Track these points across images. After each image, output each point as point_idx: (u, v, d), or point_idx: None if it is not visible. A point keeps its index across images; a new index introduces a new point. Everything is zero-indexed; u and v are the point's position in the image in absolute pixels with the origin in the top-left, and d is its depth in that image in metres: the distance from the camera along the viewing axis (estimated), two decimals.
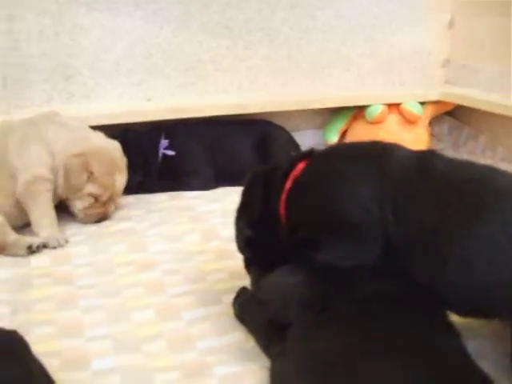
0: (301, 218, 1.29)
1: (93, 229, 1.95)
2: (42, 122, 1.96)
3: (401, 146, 1.29)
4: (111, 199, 1.99)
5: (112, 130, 2.17)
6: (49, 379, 1.06)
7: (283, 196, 1.31)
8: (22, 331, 1.12)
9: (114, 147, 2.01)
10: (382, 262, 1.18)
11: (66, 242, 1.83)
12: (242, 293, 1.43)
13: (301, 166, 1.32)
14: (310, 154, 1.34)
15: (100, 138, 2.00)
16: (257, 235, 1.36)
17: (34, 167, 1.90)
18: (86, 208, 1.95)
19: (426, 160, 1.22)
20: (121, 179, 2.00)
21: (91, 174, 1.91)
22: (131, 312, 1.44)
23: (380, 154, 1.26)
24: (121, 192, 2.02)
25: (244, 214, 1.39)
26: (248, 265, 1.45)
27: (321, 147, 2.53)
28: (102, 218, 1.98)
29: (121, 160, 2.02)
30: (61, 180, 1.91)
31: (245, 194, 1.41)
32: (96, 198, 1.94)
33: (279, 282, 1.25)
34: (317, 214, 1.25)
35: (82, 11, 2.30)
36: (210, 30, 2.48)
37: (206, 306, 1.46)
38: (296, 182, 1.30)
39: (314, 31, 2.68)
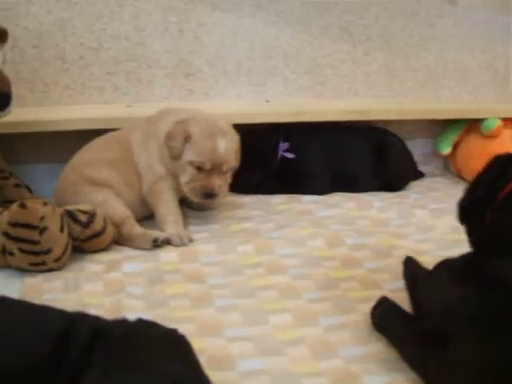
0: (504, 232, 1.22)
1: (215, 226, 1.95)
2: (157, 120, 1.96)
3: None
4: (216, 170, 1.85)
5: None
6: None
7: (502, 193, 1.25)
8: None
9: (220, 118, 1.92)
10: None
11: (191, 240, 1.81)
12: (382, 302, 1.40)
13: None
14: None
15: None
16: (469, 211, 1.31)
17: (155, 167, 1.91)
18: (189, 181, 1.86)
19: None
20: (223, 144, 1.83)
21: (189, 136, 1.83)
22: (268, 315, 1.41)
23: None
24: (225, 160, 1.85)
25: (472, 185, 1.34)
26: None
27: (433, 157, 2.56)
28: (209, 193, 1.84)
29: (226, 126, 1.89)
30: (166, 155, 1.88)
31: (484, 169, 1.35)
32: (199, 168, 1.84)
33: (444, 295, 1.21)
34: None
35: (207, 10, 2.32)
36: (331, 33, 2.47)
37: (342, 314, 1.43)
38: None
39: (433, 39, 2.65)
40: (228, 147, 1.85)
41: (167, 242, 1.79)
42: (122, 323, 1.03)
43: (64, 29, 2.25)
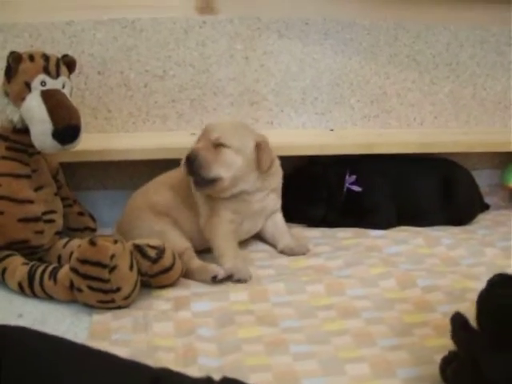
0: None
1: (281, 262, 1.92)
2: None
3: None
4: (205, 139, 1.89)
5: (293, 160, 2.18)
6: None
7: None
8: (235, 374, 1.11)
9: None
10: None
11: (250, 277, 1.78)
12: (453, 358, 1.31)
13: None
14: None
15: None
16: None
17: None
18: None
19: None
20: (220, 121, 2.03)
21: None
22: (344, 364, 1.36)
23: None
24: (213, 130, 1.89)
25: None
26: None
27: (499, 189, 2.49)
28: (188, 155, 1.84)
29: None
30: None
31: None
32: None
33: None
34: None
35: (273, 37, 2.29)
36: (398, 62, 2.42)
37: (419, 365, 1.36)
38: None
39: (501, 68, 2.57)
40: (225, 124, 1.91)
41: (228, 278, 1.76)
42: (207, 382, 1.00)
43: (129, 56, 2.23)
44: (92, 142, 2.00)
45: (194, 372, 1.15)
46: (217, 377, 1.04)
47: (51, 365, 0.97)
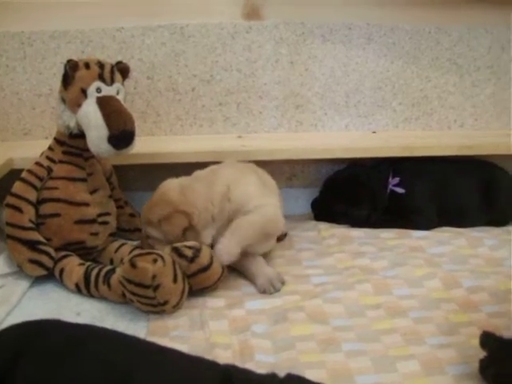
0: None
1: (328, 261, 1.97)
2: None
3: None
4: None
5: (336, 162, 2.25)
6: None
7: None
8: (291, 370, 1.13)
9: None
10: None
11: (283, 283, 1.81)
12: (496, 361, 1.35)
13: None
14: None
15: None
16: None
17: None
18: None
19: None
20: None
21: None
22: (395, 361, 1.41)
23: None
24: None
25: None
26: None
27: None
28: None
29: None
30: None
31: None
32: None
33: None
34: None
35: (318, 42, 2.33)
36: (439, 65, 2.44)
37: (468, 362, 1.41)
38: None
39: None
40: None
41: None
42: (273, 378, 1.05)
43: (177, 61, 2.29)
44: (141, 145, 2.05)
45: (251, 368, 1.20)
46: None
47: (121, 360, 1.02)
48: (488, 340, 1.38)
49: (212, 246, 1.80)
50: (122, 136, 1.79)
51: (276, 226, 1.91)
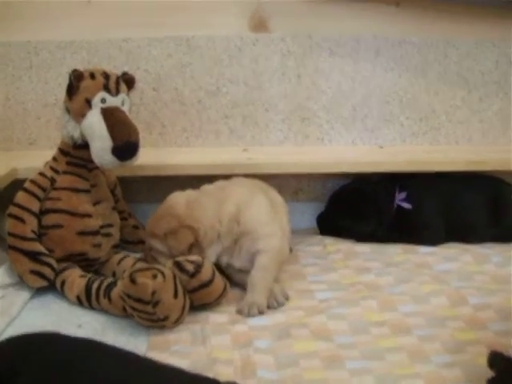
0: None
1: (333, 277, 1.94)
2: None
3: None
4: None
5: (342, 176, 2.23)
6: None
7: None
8: None
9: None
10: None
11: (287, 298, 1.79)
12: (505, 381, 1.33)
13: None
14: None
15: None
16: None
17: None
18: None
19: None
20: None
21: None
22: (400, 380, 1.39)
23: None
24: None
25: None
26: None
27: None
28: None
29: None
30: None
31: None
32: None
33: None
34: None
35: (324, 55, 2.32)
36: (447, 80, 2.43)
37: (473, 381, 1.39)
38: None
39: None
40: None
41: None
42: None
43: (183, 72, 2.29)
44: (146, 157, 2.04)
45: None
46: None
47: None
48: (496, 360, 1.35)
49: (216, 265, 1.79)
50: (126, 147, 1.78)
51: (284, 255, 1.92)
